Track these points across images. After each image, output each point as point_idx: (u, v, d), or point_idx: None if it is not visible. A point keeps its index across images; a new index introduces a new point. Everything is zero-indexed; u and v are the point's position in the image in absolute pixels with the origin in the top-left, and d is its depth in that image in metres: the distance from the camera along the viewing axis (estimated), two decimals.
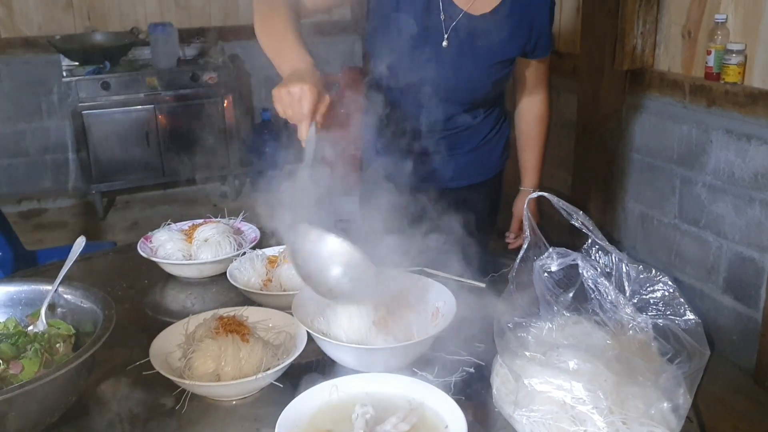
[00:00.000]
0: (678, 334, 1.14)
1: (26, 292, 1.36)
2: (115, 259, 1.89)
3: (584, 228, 1.20)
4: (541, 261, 1.21)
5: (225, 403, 1.24)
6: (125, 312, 1.52)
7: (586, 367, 1.08)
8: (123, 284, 1.69)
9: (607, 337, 1.17)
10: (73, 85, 4.43)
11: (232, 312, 1.36)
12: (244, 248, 1.71)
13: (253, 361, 1.23)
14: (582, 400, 1.05)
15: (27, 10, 4.78)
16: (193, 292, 1.67)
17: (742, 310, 2.95)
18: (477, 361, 1.32)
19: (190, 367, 1.23)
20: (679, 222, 3.22)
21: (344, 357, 1.28)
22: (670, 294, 1.18)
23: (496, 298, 1.23)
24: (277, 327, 1.36)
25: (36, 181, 5.02)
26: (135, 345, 1.34)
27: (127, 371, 1.30)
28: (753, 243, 2.86)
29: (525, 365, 1.12)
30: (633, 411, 1.05)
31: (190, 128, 4.71)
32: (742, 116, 2.81)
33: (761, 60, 2.77)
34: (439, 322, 1.34)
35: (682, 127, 3.13)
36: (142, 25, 4.91)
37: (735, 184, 2.91)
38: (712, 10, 2.95)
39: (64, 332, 1.28)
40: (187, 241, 1.75)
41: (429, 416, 1.10)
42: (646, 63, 3.31)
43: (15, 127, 4.89)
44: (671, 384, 1.08)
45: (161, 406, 1.22)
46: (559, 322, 1.21)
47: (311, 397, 1.13)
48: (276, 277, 1.57)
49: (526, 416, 1.08)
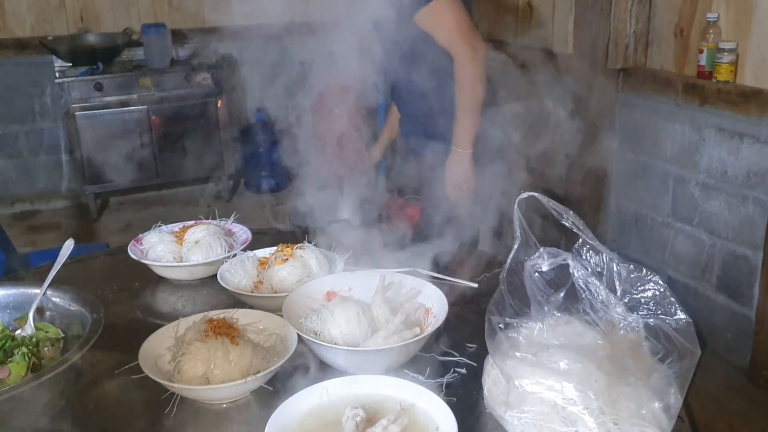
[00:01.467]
0: (669, 333, 1.14)
1: (14, 295, 1.36)
2: (106, 262, 1.88)
3: (575, 228, 1.19)
4: (532, 261, 1.20)
5: (215, 406, 1.23)
6: (115, 315, 1.51)
7: (577, 367, 1.08)
8: (113, 286, 1.68)
9: (598, 337, 1.17)
10: (66, 86, 4.41)
11: (222, 314, 1.35)
12: (235, 250, 1.71)
13: (243, 363, 1.22)
14: (573, 400, 1.05)
15: (19, 11, 4.76)
16: (184, 294, 1.67)
17: (735, 309, 2.95)
18: (468, 362, 1.32)
19: (179, 370, 1.23)
20: (672, 220, 3.22)
21: (335, 359, 1.28)
22: (661, 293, 1.17)
23: (488, 299, 1.22)
24: (267, 329, 1.35)
25: (29, 183, 5.00)
26: (124, 348, 1.33)
27: (116, 374, 1.29)
28: (746, 241, 2.86)
29: (516, 366, 1.12)
30: (624, 411, 1.04)
31: (183, 129, 4.69)
32: (735, 114, 2.81)
33: (753, 58, 2.77)
34: (431, 323, 1.34)
35: (675, 125, 3.13)
36: (135, 26, 4.89)
37: (728, 182, 2.91)
38: (704, 8, 2.95)
39: (53, 336, 1.27)
40: (178, 243, 1.75)
41: (420, 418, 1.10)
42: (638, 62, 3.31)
43: (7, 128, 4.86)
44: (662, 384, 1.08)
45: (151, 410, 1.22)
46: (550, 322, 1.21)
47: (301, 399, 1.12)
48: (267, 279, 1.56)
49: (517, 417, 1.08)
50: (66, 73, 4.47)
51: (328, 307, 1.35)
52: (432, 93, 2.18)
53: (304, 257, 1.59)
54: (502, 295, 1.21)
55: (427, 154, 2.26)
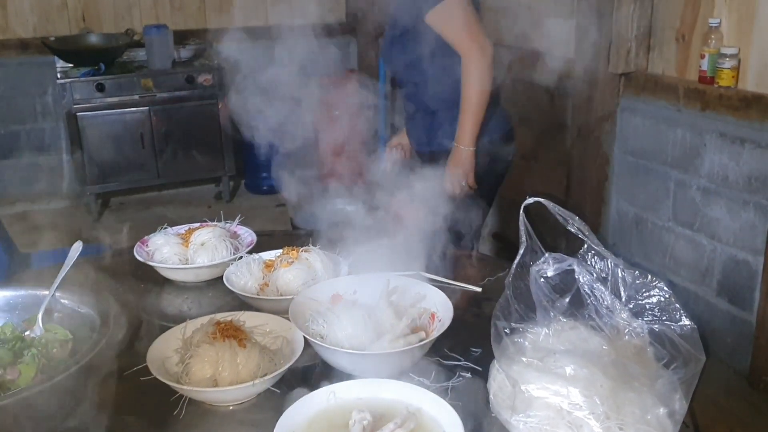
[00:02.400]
0: (674, 339, 1.15)
1: (23, 297, 1.36)
2: (111, 263, 1.89)
3: (580, 233, 1.20)
4: (538, 266, 1.21)
5: (222, 408, 1.24)
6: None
7: (582, 372, 1.09)
8: (119, 288, 1.69)
9: (604, 343, 1.18)
10: (68, 87, 4.41)
11: (229, 317, 1.36)
12: (240, 252, 1.72)
13: (251, 366, 1.23)
14: (578, 405, 1.06)
15: (22, 12, 4.77)
16: (190, 296, 1.67)
17: (736, 313, 2.96)
18: (474, 367, 1.32)
19: (187, 372, 1.23)
20: (673, 225, 3.23)
21: (341, 362, 1.28)
22: (665, 299, 1.18)
23: (493, 303, 1.23)
24: (274, 332, 1.36)
25: (30, 183, 5.00)
26: (132, 350, 1.34)
27: (124, 377, 1.29)
28: (747, 246, 2.87)
29: (522, 371, 1.12)
30: (629, 416, 1.05)
31: (185, 130, 4.70)
32: (736, 120, 2.82)
33: (755, 64, 2.79)
34: (436, 327, 1.35)
35: (677, 130, 3.14)
36: (137, 27, 4.90)
37: (729, 187, 2.92)
38: (706, 14, 2.96)
39: (61, 337, 1.28)
40: (184, 245, 1.75)
41: (426, 422, 1.10)
42: (640, 66, 3.32)
43: (9, 128, 4.87)
44: (667, 389, 1.09)
45: (159, 412, 1.22)
46: (555, 327, 1.21)
47: (308, 402, 1.13)
48: (272, 282, 1.57)
49: (523, 422, 1.09)
50: (68, 74, 4.47)
51: (334, 311, 1.36)
52: (439, 91, 2.23)
53: (309, 260, 1.60)
54: (508, 300, 1.22)
55: (432, 151, 2.30)
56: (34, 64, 4.76)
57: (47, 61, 4.68)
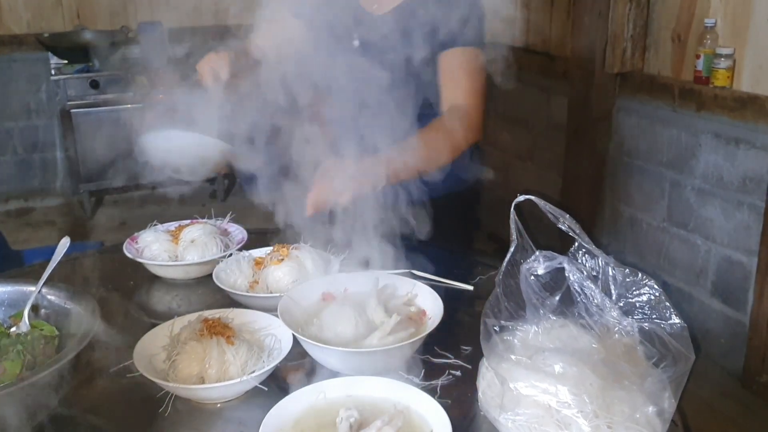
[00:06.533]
0: (663, 337, 1.14)
1: (9, 292, 1.35)
2: (100, 260, 1.88)
3: (571, 231, 1.19)
4: (528, 264, 1.20)
5: (209, 405, 1.23)
6: (110, 313, 1.50)
7: (571, 370, 1.08)
8: (108, 285, 1.68)
9: (593, 341, 1.17)
10: (62, 84, 4.40)
11: (218, 314, 1.35)
12: (230, 249, 1.71)
13: (238, 363, 1.22)
14: (567, 404, 1.05)
15: (15, 7, 4.75)
16: (179, 293, 1.66)
17: (730, 314, 2.96)
18: (463, 365, 1.32)
19: (174, 369, 1.22)
20: (668, 225, 3.23)
21: (329, 360, 1.28)
22: (656, 298, 1.18)
23: (482, 301, 1.22)
24: (262, 329, 1.35)
25: (23, 180, 4.98)
26: (119, 347, 1.33)
27: (111, 373, 1.28)
28: (741, 247, 2.87)
29: (511, 369, 1.12)
30: (618, 415, 1.04)
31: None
32: (731, 120, 2.82)
33: (750, 64, 2.79)
34: (426, 325, 1.34)
35: (672, 130, 3.14)
36: (131, 24, 4.89)
37: (723, 187, 2.92)
38: (702, 14, 2.96)
39: (48, 333, 1.26)
40: (174, 242, 1.74)
41: (414, 420, 1.10)
42: (636, 66, 3.32)
43: (2, 125, 4.85)
44: (656, 388, 1.08)
45: (145, 409, 1.21)
46: (545, 325, 1.21)
47: (296, 400, 1.12)
48: (262, 279, 1.56)
49: (511, 420, 1.08)
50: (62, 71, 4.46)
51: (324, 308, 1.35)
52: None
53: (299, 257, 1.59)
54: (498, 297, 1.21)
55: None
56: (28, 60, 4.75)
57: (41, 58, 4.66)
